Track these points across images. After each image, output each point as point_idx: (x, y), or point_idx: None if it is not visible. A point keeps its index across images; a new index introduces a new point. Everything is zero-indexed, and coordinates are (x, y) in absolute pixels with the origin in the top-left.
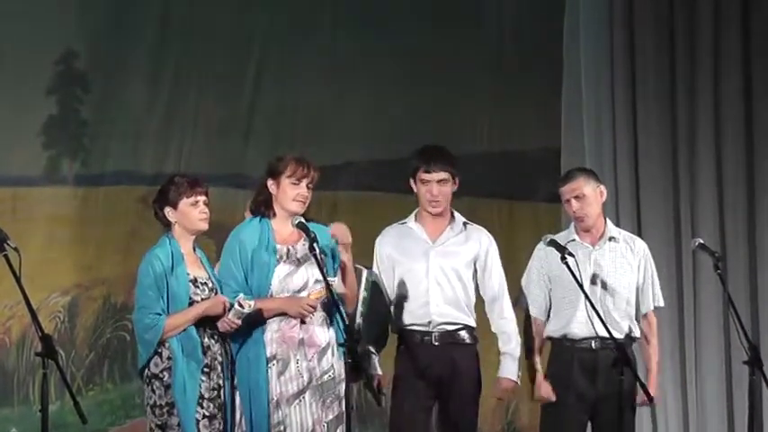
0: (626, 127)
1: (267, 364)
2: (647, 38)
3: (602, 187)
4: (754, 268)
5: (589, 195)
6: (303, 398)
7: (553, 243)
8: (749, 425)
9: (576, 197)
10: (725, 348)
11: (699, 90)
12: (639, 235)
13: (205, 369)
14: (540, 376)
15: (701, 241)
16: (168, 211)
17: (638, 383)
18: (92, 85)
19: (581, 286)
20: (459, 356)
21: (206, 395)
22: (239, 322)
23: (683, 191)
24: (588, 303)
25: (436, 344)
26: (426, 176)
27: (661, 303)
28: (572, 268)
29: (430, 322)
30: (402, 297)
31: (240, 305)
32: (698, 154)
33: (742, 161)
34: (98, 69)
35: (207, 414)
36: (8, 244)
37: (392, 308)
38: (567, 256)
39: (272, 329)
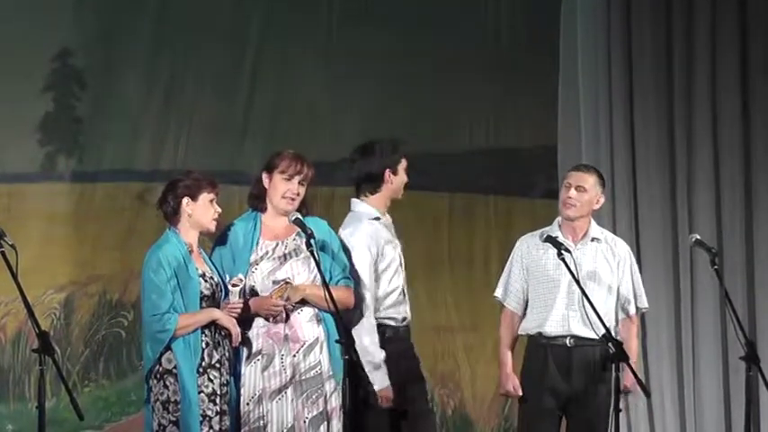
0: (623, 124)
1: (252, 359)
2: (645, 35)
3: (603, 198)
4: (750, 264)
5: (589, 192)
6: (285, 393)
7: (550, 239)
8: (746, 421)
9: (578, 187)
10: (722, 344)
11: (696, 87)
12: (636, 231)
13: (216, 365)
14: (507, 369)
15: (698, 237)
16: (186, 201)
17: (635, 380)
18: (88, 82)
19: (578, 282)
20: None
21: (218, 391)
22: (241, 300)
23: (680, 187)
24: (586, 300)
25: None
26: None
27: (645, 305)
28: (569, 265)
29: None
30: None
31: (234, 285)
32: (695, 150)
33: (739, 157)
34: (94, 66)
35: (219, 410)
36: (5, 240)
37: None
38: (564, 252)
39: (258, 325)
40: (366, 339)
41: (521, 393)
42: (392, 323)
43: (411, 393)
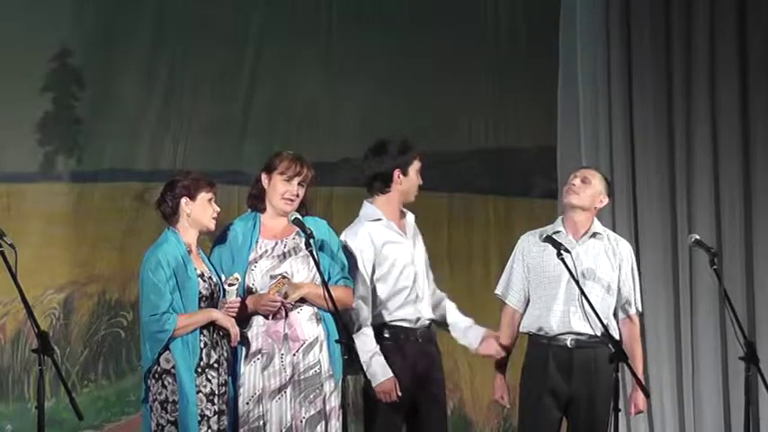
0: (623, 124)
1: (251, 358)
2: (644, 35)
3: (607, 200)
4: (750, 264)
5: (594, 187)
6: (284, 393)
7: (549, 239)
8: (746, 421)
9: (584, 178)
10: (721, 345)
11: (695, 87)
12: (636, 231)
13: (215, 365)
14: (498, 379)
15: (697, 237)
16: (185, 201)
17: (635, 382)
18: (87, 82)
19: (578, 283)
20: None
21: (216, 391)
22: (239, 299)
23: (680, 187)
24: (585, 299)
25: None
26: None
27: (639, 309)
28: (568, 266)
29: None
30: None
31: (230, 284)
32: (694, 150)
33: (738, 157)
34: (93, 66)
35: (217, 410)
36: (4, 240)
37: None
38: (563, 252)
39: (258, 324)
40: (357, 341)
41: (508, 406)
42: (405, 324)
43: (423, 396)
